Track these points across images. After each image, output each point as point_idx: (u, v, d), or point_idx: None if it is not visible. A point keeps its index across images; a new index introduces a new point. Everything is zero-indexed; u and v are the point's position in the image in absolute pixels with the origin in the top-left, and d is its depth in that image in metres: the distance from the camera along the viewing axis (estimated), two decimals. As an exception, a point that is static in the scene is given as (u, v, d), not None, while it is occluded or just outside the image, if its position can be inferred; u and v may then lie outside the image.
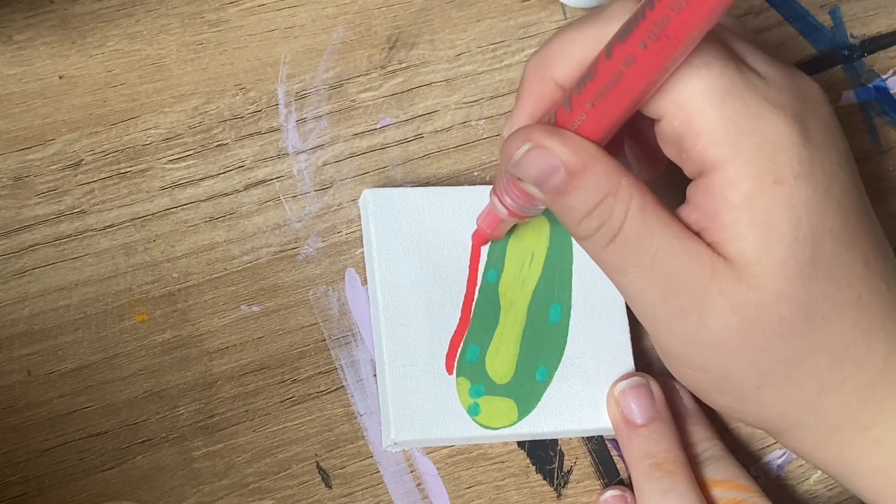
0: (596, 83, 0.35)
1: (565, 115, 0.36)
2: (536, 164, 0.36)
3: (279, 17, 0.45)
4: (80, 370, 0.41)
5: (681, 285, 0.35)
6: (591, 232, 0.36)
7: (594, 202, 0.36)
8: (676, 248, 0.35)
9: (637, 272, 0.36)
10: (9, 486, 0.40)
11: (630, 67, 0.34)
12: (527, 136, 0.36)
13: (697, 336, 0.36)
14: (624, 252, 0.36)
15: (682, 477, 0.41)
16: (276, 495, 0.42)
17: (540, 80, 0.38)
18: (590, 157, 0.35)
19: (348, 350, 0.43)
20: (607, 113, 0.35)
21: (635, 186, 0.36)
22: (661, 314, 0.36)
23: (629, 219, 0.35)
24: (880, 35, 0.50)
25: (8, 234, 0.41)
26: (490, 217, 0.42)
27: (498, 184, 0.40)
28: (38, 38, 0.43)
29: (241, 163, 0.44)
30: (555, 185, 0.36)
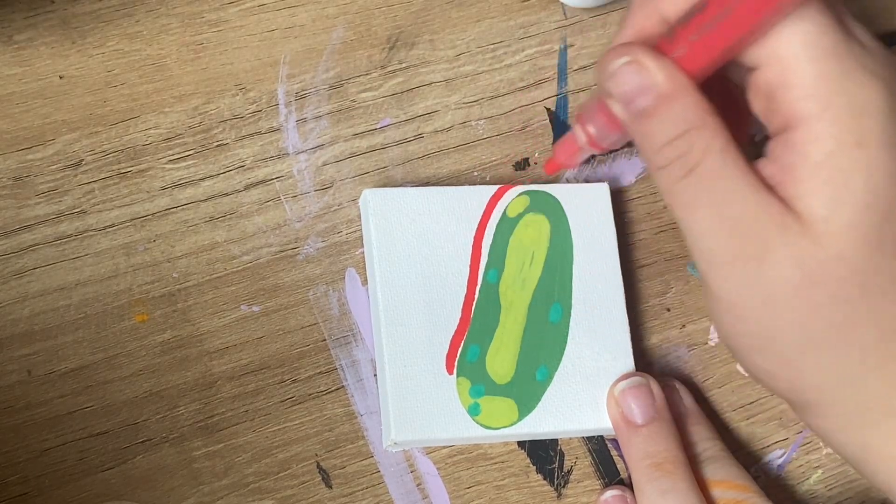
0: (703, 16, 0.35)
1: (666, 46, 0.36)
2: (630, 80, 0.36)
3: (279, 17, 0.45)
4: (80, 370, 0.41)
5: (747, 231, 0.35)
6: (668, 162, 0.36)
7: (678, 131, 0.36)
8: (749, 195, 0.35)
9: (705, 210, 0.36)
10: (9, 486, 0.40)
11: (742, 3, 0.34)
12: (627, 51, 0.36)
13: (754, 283, 0.36)
14: (697, 188, 0.36)
15: (682, 477, 0.41)
16: (277, 495, 0.42)
17: (645, 14, 0.38)
18: (682, 86, 0.36)
19: (348, 350, 0.43)
20: (709, 48, 0.35)
21: (720, 127, 0.36)
22: (721, 257, 0.36)
23: (708, 156, 0.35)
24: (880, 35, 0.50)
25: (8, 234, 0.41)
26: (567, 144, 0.42)
27: (584, 111, 0.40)
28: (38, 38, 0.43)
29: (242, 163, 0.44)
30: (642, 106, 0.36)
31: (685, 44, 0.36)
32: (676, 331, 0.46)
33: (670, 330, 0.46)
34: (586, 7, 0.47)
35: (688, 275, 0.46)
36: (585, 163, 0.46)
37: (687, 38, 0.36)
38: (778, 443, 0.46)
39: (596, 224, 0.44)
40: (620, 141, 0.40)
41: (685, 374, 0.46)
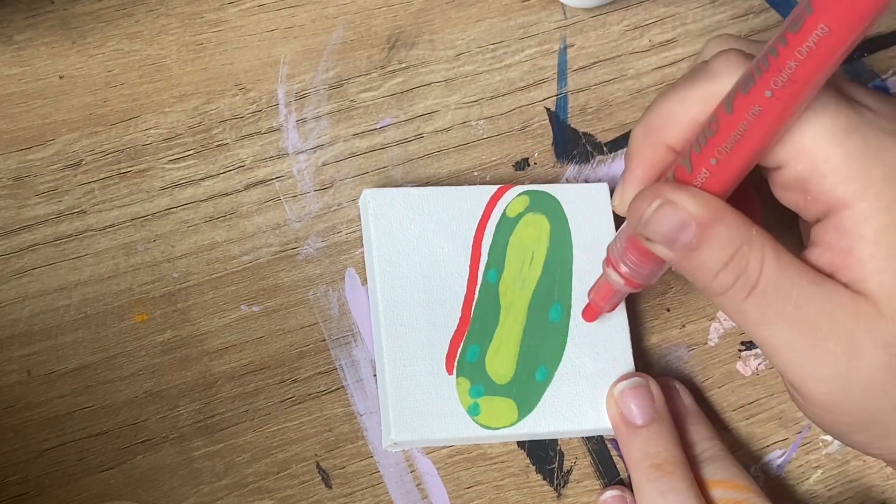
0: (718, 139, 0.34)
1: (686, 175, 0.36)
2: (667, 221, 0.35)
3: (279, 17, 0.45)
4: (80, 370, 0.41)
5: (826, 330, 0.35)
6: (728, 286, 0.36)
7: (728, 255, 0.35)
8: (817, 293, 0.35)
9: (780, 322, 0.35)
10: (9, 486, 0.40)
11: (756, 118, 0.33)
12: (656, 193, 0.36)
13: (848, 380, 0.36)
14: (765, 303, 0.35)
15: (682, 477, 0.41)
16: (276, 495, 0.42)
17: (650, 147, 0.37)
18: (719, 209, 0.35)
19: (348, 350, 0.43)
20: (731, 167, 0.35)
21: (766, 236, 0.36)
22: (809, 362, 0.36)
23: (766, 268, 0.35)
24: (880, 35, 0.50)
25: (8, 234, 0.42)
26: (604, 289, 0.41)
27: (611, 252, 0.40)
28: (38, 39, 0.43)
29: (241, 163, 0.44)
30: (687, 241, 0.35)
31: (706, 168, 0.35)
32: (676, 331, 0.46)
33: (670, 330, 0.46)
34: (586, 7, 0.47)
35: (688, 275, 0.46)
36: (584, 162, 0.46)
37: (707, 163, 0.35)
38: (777, 443, 0.46)
39: (596, 224, 0.44)
40: (657, 273, 0.39)
41: (685, 374, 0.46)
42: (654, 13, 0.48)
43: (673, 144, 0.37)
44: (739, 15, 0.49)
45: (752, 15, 0.49)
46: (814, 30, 0.31)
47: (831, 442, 0.46)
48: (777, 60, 0.32)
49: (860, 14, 0.31)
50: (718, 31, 0.48)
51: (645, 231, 0.36)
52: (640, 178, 0.38)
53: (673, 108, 0.37)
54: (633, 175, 0.38)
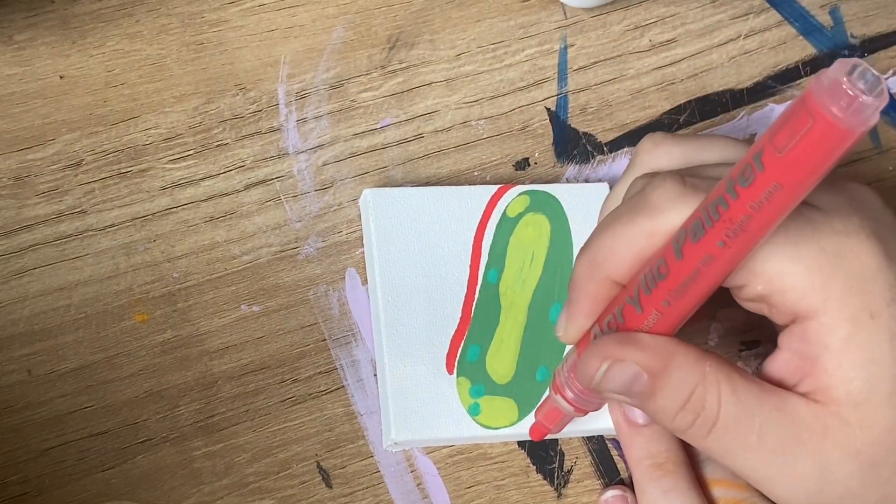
0: (669, 283, 0.34)
1: (635, 316, 0.35)
2: (618, 379, 0.35)
3: (279, 17, 0.45)
4: (81, 370, 0.41)
5: (794, 453, 0.35)
6: (688, 425, 0.36)
7: (684, 397, 0.35)
8: (779, 420, 0.35)
9: (745, 454, 0.35)
10: (9, 486, 0.40)
11: (709, 266, 0.33)
12: (602, 354, 0.36)
13: (823, 493, 0.35)
14: (727, 437, 0.35)
15: (683, 476, 0.41)
16: (277, 495, 0.42)
17: (594, 281, 0.37)
18: (668, 354, 0.35)
19: (348, 350, 0.43)
20: (684, 307, 0.35)
21: (720, 369, 0.35)
22: (781, 484, 0.36)
23: (723, 404, 0.35)
24: (880, 35, 0.50)
25: (8, 234, 0.41)
26: (552, 414, 0.40)
27: (557, 378, 0.39)
28: (39, 38, 0.43)
29: (242, 163, 0.44)
30: (641, 391, 0.35)
31: (657, 310, 0.35)
32: (676, 331, 0.46)
33: (670, 330, 0.46)
34: (586, 7, 0.47)
35: (688, 275, 0.46)
36: (585, 162, 0.46)
37: (658, 305, 0.35)
38: None
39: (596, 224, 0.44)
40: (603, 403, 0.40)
41: (685, 374, 0.46)
42: (654, 13, 0.48)
43: (617, 279, 0.37)
44: (739, 15, 0.49)
45: (753, 15, 0.49)
46: (766, 187, 0.30)
47: (832, 442, 0.46)
48: (728, 213, 0.31)
49: (812, 170, 0.30)
50: (718, 31, 0.48)
51: (598, 389, 0.36)
52: (585, 312, 0.38)
53: (615, 243, 0.36)
54: (578, 308, 0.38)
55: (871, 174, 0.48)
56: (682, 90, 0.48)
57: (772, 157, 0.30)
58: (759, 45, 0.49)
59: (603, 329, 0.37)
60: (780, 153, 0.30)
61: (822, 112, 0.28)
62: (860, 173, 0.48)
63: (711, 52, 0.48)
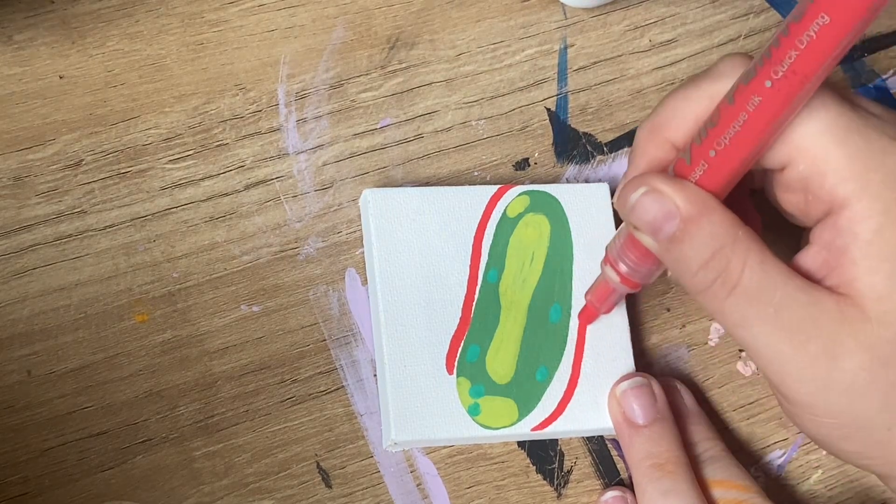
0: (718, 130, 0.35)
1: (685, 168, 0.36)
2: (651, 209, 0.36)
3: (279, 17, 0.45)
4: (80, 370, 0.41)
5: (809, 334, 0.35)
6: (708, 283, 0.36)
7: (710, 252, 0.35)
8: (801, 299, 0.35)
9: (760, 325, 0.36)
10: (9, 486, 0.40)
11: (756, 109, 0.34)
12: (641, 182, 0.36)
13: (830, 380, 0.36)
14: (745, 305, 0.36)
15: (683, 477, 0.41)
16: (277, 495, 0.42)
17: (655, 144, 0.38)
18: (706, 206, 0.35)
19: (348, 350, 0.43)
20: (730, 159, 0.35)
21: (753, 238, 0.36)
22: (790, 363, 0.36)
23: (748, 270, 0.35)
24: (880, 35, 0.50)
25: (8, 234, 0.41)
26: (601, 289, 0.41)
27: (610, 251, 0.40)
28: (38, 38, 0.43)
29: (242, 163, 0.44)
30: (670, 232, 0.36)
31: (705, 160, 0.36)
32: (676, 331, 0.46)
33: (670, 330, 0.46)
34: (586, 7, 0.47)
35: (688, 275, 0.46)
36: (585, 162, 0.46)
37: (706, 154, 0.35)
38: (778, 443, 0.46)
39: (596, 224, 0.44)
40: (654, 273, 0.40)
41: (685, 375, 0.46)
42: (654, 13, 0.48)
43: (676, 142, 0.38)
44: (740, 15, 0.49)
45: (753, 15, 0.49)
46: (815, 19, 0.32)
47: (831, 442, 0.46)
48: (778, 51, 0.33)
49: (861, 5, 0.31)
50: (718, 31, 0.49)
51: (630, 217, 0.37)
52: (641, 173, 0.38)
53: (678, 105, 0.38)
54: (636, 172, 0.39)
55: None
56: (682, 90, 0.48)
57: None
58: (759, 45, 0.49)
59: None
60: None
61: None
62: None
63: (711, 52, 0.48)
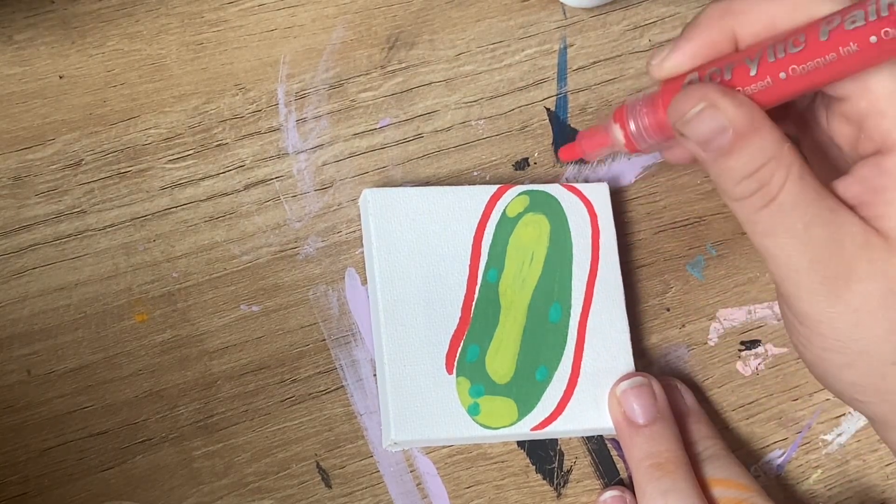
0: (800, 57, 0.35)
1: (745, 78, 0.36)
2: (707, 124, 0.36)
3: (279, 17, 0.45)
4: (80, 370, 0.41)
5: (830, 253, 0.36)
6: (749, 194, 0.36)
7: (757, 165, 0.36)
8: (830, 219, 0.36)
9: (787, 238, 0.36)
10: (9, 486, 0.40)
11: (851, 56, 0.34)
12: (703, 96, 0.36)
13: (841, 300, 0.36)
14: (778, 216, 0.36)
15: (683, 477, 0.41)
16: (276, 495, 0.42)
17: (719, 27, 0.38)
18: (758, 120, 0.36)
19: (348, 350, 0.43)
20: (798, 85, 0.36)
21: (796, 155, 0.36)
22: (807, 281, 0.37)
23: (788, 184, 0.36)
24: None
25: (8, 234, 0.41)
26: (597, 136, 0.41)
27: (626, 109, 0.40)
28: (38, 38, 0.43)
29: (241, 163, 0.44)
30: (720, 145, 0.36)
31: (772, 78, 0.36)
32: (676, 330, 0.46)
33: (670, 330, 0.46)
34: (586, 7, 0.47)
35: (688, 274, 0.47)
36: (584, 162, 0.46)
37: (775, 75, 0.36)
38: (777, 442, 0.46)
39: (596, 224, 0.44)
40: (655, 147, 0.40)
41: (685, 374, 0.46)
42: (654, 13, 0.48)
43: (741, 34, 0.37)
44: (739, 15, 0.49)
45: (752, 15, 0.49)
46: None
47: (831, 442, 0.46)
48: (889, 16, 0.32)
49: None
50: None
51: (684, 129, 0.37)
52: (693, 51, 0.38)
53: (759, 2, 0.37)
54: (688, 45, 0.38)
55: (870, 174, 0.48)
56: (682, 90, 0.48)
57: None
58: (759, 44, 0.49)
59: (703, 79, 0.37)
60: None
61: None
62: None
63: (711, 52, 0.48)
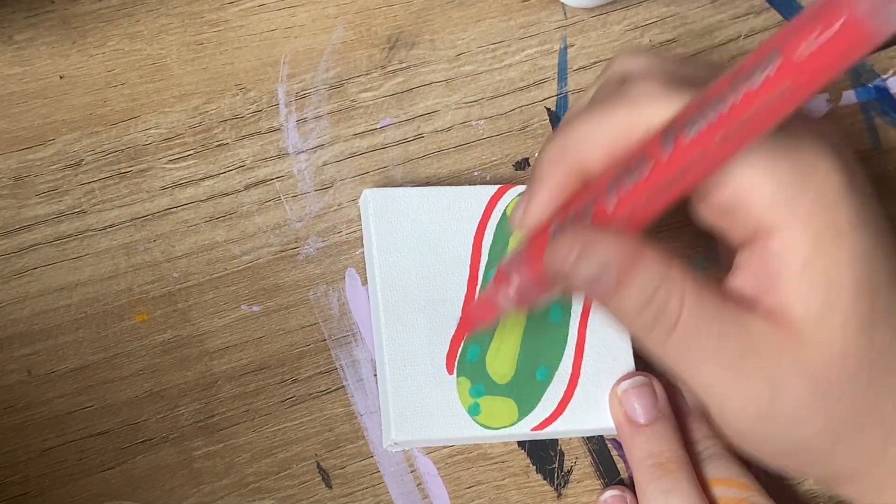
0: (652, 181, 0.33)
1: (605, 214, 0.35)
2: (588, 268, 0.35)
3: (279, 16, 0.45)
4: (81, 370, 0.41)
5: (750, 366, 0.35)
6: (649, 325, 0.35)
7: (649, 294, 0.35)
8: (739, 330, 0.35)
9: (702, 362, 0.35)
10: (9, 486, 0.40)
11: (701, 162, 0.32)
12: (577, 239, 0.35)
13: (772, 411, 0.35)
14: (685, 342, 0.35)
15: (684, 476, 0.41)
16: (277, 495, 0.42)
17: (564, 165, 0.36)
18: (637, 251, 0.35)
19: (348, 350, 0.43)
20: (659, 205, 0.34)
21: (685, 272, 0.35)
22: (732, 397, 0.36)
23: (686, 307, 0.35)
24: (880, 35, 0.50)
25: (8, 234, 0.41)
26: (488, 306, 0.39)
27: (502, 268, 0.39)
28: (39, 38, 0.43)
29: (242, 163, 0.44)
30: (607, 284, 0.35)
31: (631, 206, 0.34)
32: (676, 331, 0.46)
33: (670, 330, 0.46)
34: (586, 7, 0.47)
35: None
36: None
37: (633, 203, 0.34)
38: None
39: None
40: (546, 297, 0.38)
41: (685, 374, 0.46)
42: (654, 13, 0.48)
43: (586, 168, 0.36)
44: (740, 15, 0.49)
45: (753, 15, 0.49)
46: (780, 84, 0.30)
47: (832, 442, 0.46)
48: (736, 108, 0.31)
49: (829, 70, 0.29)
50: (718, 31, 0.48)
51: (566, 280, 0.36)
52: (547, 198, 0.37)
53: (592, 131, 0.35)
54: (541, 194, 0.37)
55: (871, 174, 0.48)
56: (682, 90, 0.48)
57: (790, 53, 0.29)
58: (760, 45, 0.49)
59: (567, 223, 0.36)
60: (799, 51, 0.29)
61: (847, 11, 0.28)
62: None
63: (711, 53, 0.48)
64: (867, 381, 0.35)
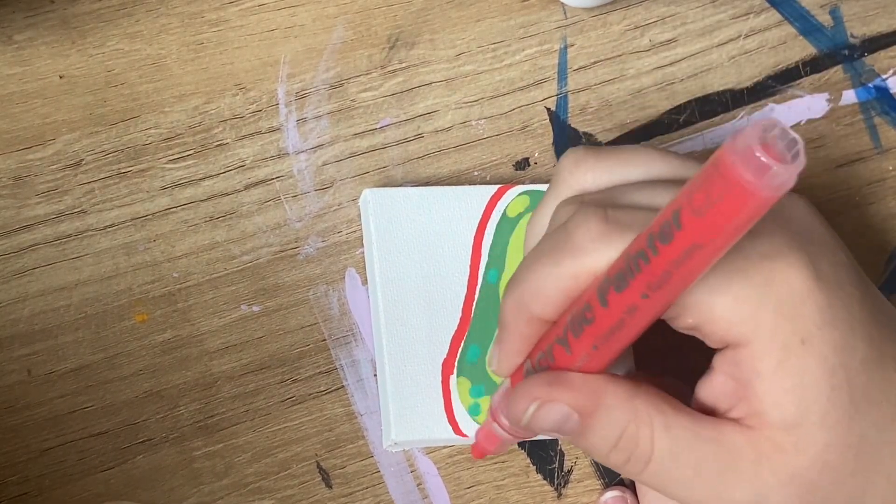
0: (596, 328, 0.33)
1: (565, 356, 0.35)
2: (547, 419, 0.35)
3: (279, 16, 0.45)
4: (80, 370, 0.41)
5: (732, 482, 0.35)
6: (623, 463, 0.35)
7: (616, 436, 0.35)
8: (715, 451, 0.35)
9: (683, 487, 0.35)
10: (9, 486, 0.40)
11: (633, 315, 0.32)
12: (531, 395, 0.35)
13: None
14: (663, 472, 0.35)
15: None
16: (277, 495, 0.42)
17: (522, 320, 0.36)
18: (598, 393, 0.35)
19: (348, 350, 0.43)
20: (612, 351, 0.34)
21: (651, 404, 0.35)
22: None
23: (657, 441, 0.35)
24: (880, 35, 0.50)
25: (8, 234, 0.41)
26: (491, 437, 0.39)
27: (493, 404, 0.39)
28: (39, 38, 0.43)
29: (242, 162, 0.44)
30: (572, 431, 0.35)
31: (586, 352, 0.34)
32: (676, 331, 0.46)
33: (670, 330, 0.46)
34: (586, 7, 0.47)
35: (688, 275, 0.46)
36: None
37: (588, 348, 0.34)
38: None
39: None
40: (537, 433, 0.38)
41: (685, 374, 0.46)
42: (654, 13, 0.48)
43: (545, 318, 0.36)
44: (739, 15, 0.49)
45: (753, 15, 0.49)
46: (685, 246, 0.30)
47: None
48: (650, 267, 0.31)
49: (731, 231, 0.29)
50: (718, 31, 0.48)
51: (528, 428, 0.36)
52: (515, 350, 0.37)
53: (541, 283, 0.35)
54: (508, 346, 0.37)
55: (871, 174, 0.48)
56: (683, 90, 0.48)
57: (690, 217, 0.29)
58: (760, 44, 0.49)
59: (535, 366, 0.36)
60: (698, 214, 0.29)
61: (735, 179, 0.27)
62: (860, 173, 0.48)
63: (711, 52, 0.48)
64: (852, 471, 0.35)
